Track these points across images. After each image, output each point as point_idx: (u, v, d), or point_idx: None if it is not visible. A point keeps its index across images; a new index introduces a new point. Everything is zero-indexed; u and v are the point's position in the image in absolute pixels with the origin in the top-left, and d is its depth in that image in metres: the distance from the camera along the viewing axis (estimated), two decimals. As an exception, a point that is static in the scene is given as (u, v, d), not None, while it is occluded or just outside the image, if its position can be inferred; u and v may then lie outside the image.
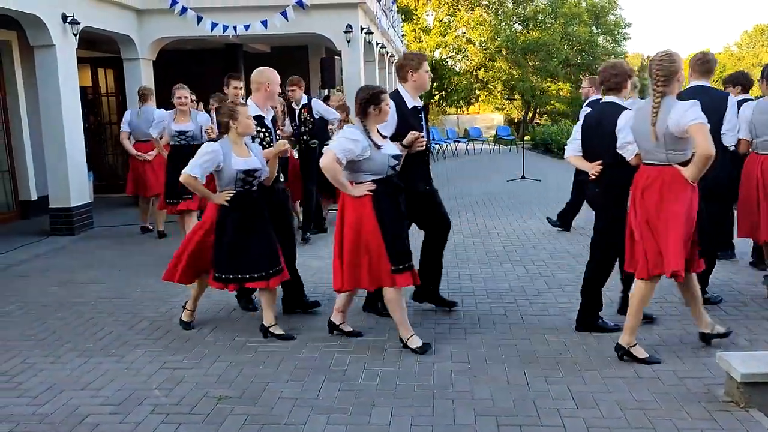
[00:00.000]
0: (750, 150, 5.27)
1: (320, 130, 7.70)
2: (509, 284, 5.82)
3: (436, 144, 19.99)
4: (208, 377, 4.01)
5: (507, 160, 18.20)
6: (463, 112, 39.95)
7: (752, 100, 5.70)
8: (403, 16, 26.56)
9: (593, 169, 4.43)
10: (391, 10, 17.04)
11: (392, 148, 4.34)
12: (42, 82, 8.36)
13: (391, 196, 4.26)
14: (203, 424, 3.43)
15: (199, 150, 4.52)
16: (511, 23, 34.61)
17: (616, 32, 36.53)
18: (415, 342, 4.29)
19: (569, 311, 5.01)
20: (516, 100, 32.26)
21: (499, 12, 34.31)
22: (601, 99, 4.70)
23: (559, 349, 4.29)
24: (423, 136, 4.61)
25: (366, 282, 4.28)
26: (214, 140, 4.61)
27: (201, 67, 13.34)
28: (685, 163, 3.81)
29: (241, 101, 5.13)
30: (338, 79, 10.94)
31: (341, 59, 10.94)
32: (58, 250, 7.79)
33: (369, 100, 4.22)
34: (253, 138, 4.77)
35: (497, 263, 6.60)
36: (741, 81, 6.36)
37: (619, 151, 4.23)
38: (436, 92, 35.35)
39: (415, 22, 34.12)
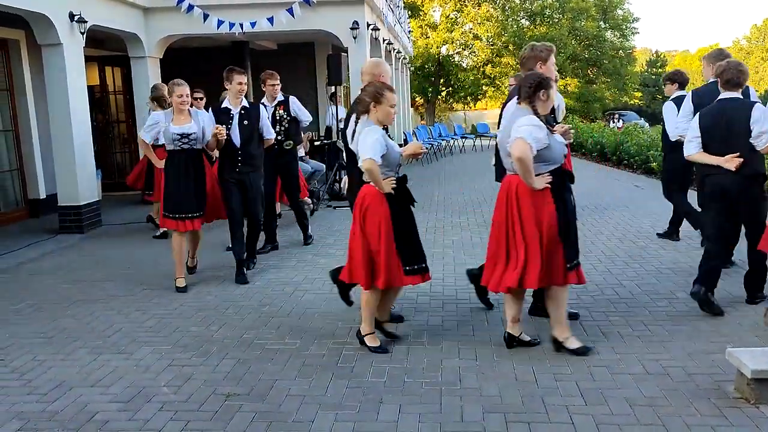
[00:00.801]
0: None
1: (295, 132, 7.26)
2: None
3: (442, 140, 19.97)
4: (216, 374, 4.02)
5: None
6: (470, 108, 39.86)
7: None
8: (409, 12, 26.50)
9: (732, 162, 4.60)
10: (398, 6, 17.00)
11: (560, 136, 4.15)
12: (50, 80, 8.39)
13: (568, 187, 4.09)
14: (211, 421, 3.43)
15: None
16: (518, 18, 34.49)
17: (624, 27, 36.35)
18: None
19: (578, 307, 4.99)
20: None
21: (506, 7, 34.20)
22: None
23: (567, 345, 4.27)
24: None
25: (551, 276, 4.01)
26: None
27: (208, 65, 13.35)
28: None
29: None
30: (345, 75, 10.93)
31: (348, 56, 10.93)
32: (67, 248, 7.83)
33: (539, 85, 3.98)
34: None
35: (505, 259, 6.57)
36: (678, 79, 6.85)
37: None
38: (443, 88, 35.29)
39: (421, 18, 34.06)
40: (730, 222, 4.85)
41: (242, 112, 5.96)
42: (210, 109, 6.04)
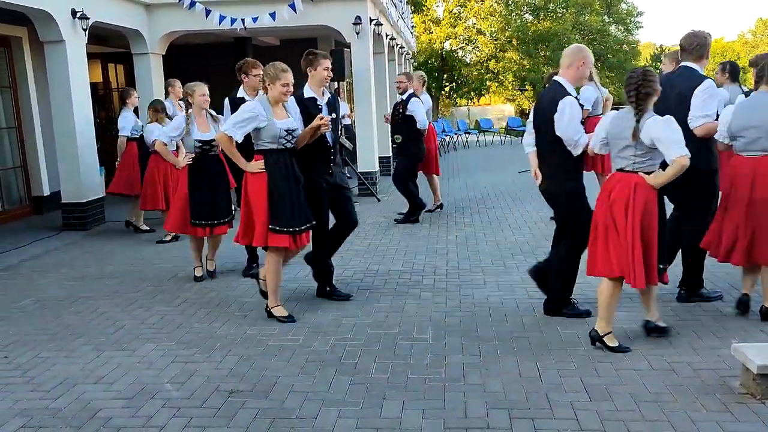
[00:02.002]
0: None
1: None
2: (521, 276, 5.78)
3: (446, 136, 19.92)
4: (219, 371, 4.01)
5: (518, 152, 18.06)
6: (473, 103, 39.78)
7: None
8: (412, 8, 26.43)
9: None
10: (401, 2, 16.94)
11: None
12: (52, 77, 8.39)
13: None
14: (214, 417, 3.43)
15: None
16: (522, 13, 34.36)
17: (628, 21, 36.19)
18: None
19: (584, 304, 4.97)
20: (527, 90, 32.05)
21: (510, 2, 34.06)
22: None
23: (571, 341, 4.26)
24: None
25: None
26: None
27: (210, 61, 13.35)
28: None
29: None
30: (348, 71, 10.90)
31: (350, 51, 10.89)
32: (71, 245, 7.84)
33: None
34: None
35: (509, 255, 6.56)
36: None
37: None
38: (446, 84, 35.22)
39: (425, 13, 33.97)
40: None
41: (328, 103, 5.17)
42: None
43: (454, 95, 36.99)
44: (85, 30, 8.61)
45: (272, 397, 3.64)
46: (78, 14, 8.43)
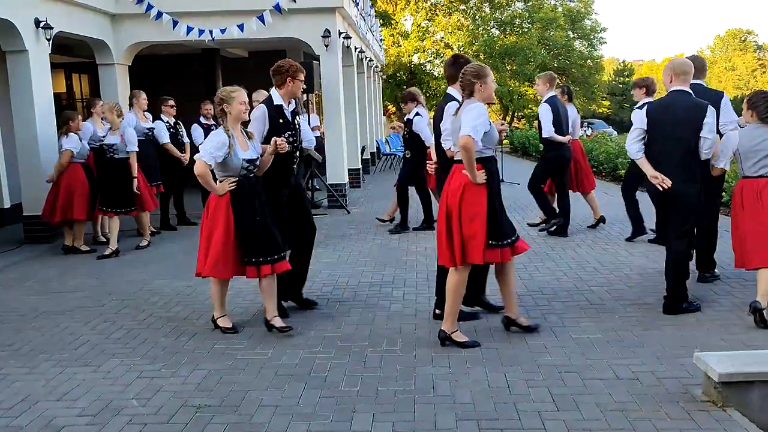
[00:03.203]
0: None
1: None
2: (489, 288, 5.82)
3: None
4: (186, 386, 3.96)
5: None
6: (442, 116, 40.06)
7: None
8: (381, 21, 26.60)
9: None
10: (369, 15, 17.05)
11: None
12: (14, 88, 8.22)
13: None
14: (182, 433, 3.38)
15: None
16: (489, 28, 34.87)
17: (591, 37, 36.98)
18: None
19: (549, 314, 5.04)
20: (494, 104, 32.49)
21: (477, 17, 34.55)
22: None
23: (539, 351, 4.31)
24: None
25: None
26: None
27: (178, 72, 13.24)
28: None
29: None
30: (317, 83, 10.92)
31: (320, 64, 10.92)
32: (34, 259, 7.66)
33: None
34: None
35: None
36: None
37: None
38: (415, 96, 35.31)
39: (393, 26, 34.19)
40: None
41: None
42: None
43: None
44: (48, 40, 8.47)
45: (241, 411, 3.61)
46: (41, 24, 8.30)
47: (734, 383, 3.43)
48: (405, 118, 8.59)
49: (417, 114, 8.39)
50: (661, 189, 4.79)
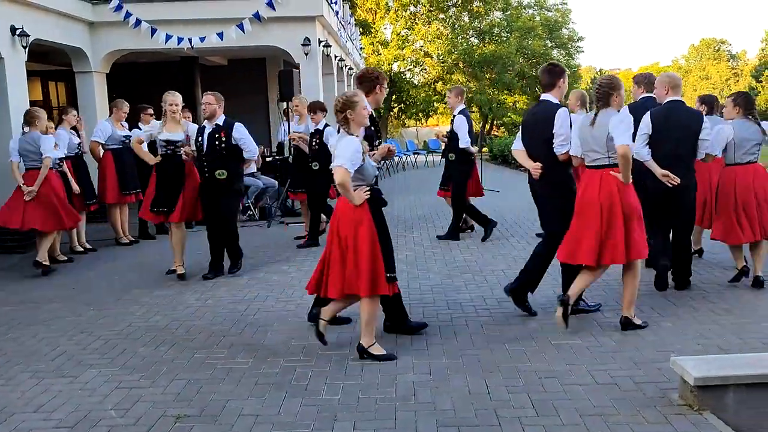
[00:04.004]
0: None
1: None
2: (470, 294, 5.86)
3: (395, 156, 20.08)
4: (166, 396, 3.92)
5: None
6: (422, 124, 40.26)
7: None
8: (360, 30, 26.68)
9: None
10: (349, 23, 17.10)
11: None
12: (-10, 95, 8.12)
13: None
14: (161, 444, 3.35)
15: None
16: (468, 37, 35.10)
17: (569, 46, 37.38)
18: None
19: (529, 320, 5.08)
20: (473, 112, 32.67)
21: (456, 26, 34.78)
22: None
23: (519, 358, 4.34)
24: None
25: None
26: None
27: (156, 80, 13.15)
28: None
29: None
30: (297, 91, 10.92)
31: (299, 72, 10.93)
32: (8, 269, 7.54)
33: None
34: None
35: (457, 273, 6.65)
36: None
37: None
38: (395, 104, 35.55)
39: (373, 35, 34.29)
40: None
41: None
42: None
43: (403, 116, 37.37)
44: (25, 47, 8.40)
45: (221, 421, 3.58)
46: (18, 31, 8.22)
47: (710, 387, 3.48)
48: (314, 129, 7.93)
49: (327, 125, 7.87)
50: (670, 186, 5.29)
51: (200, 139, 6.48)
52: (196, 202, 6.65)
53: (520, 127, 5.34)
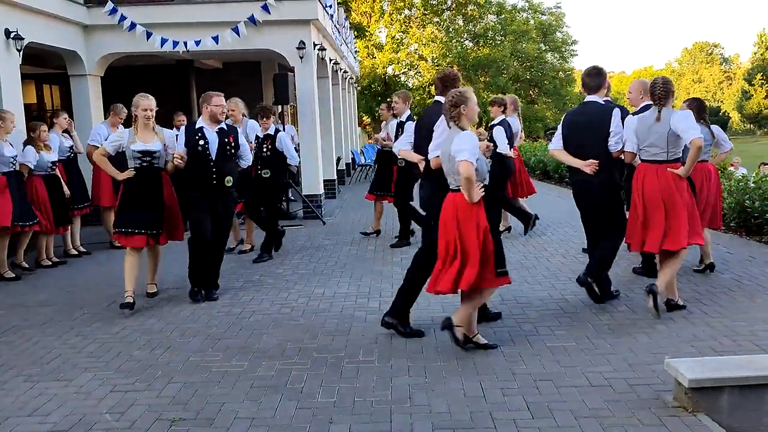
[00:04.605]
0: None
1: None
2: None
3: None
4: (161, 399, 3.92)
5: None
6: (416, 127, 40.27)
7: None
8: (355, 33, 26.73)
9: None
10: (344, 27, 17.12)
11: None
12: (-16, 99, 8.08)
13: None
14: (157, 447, 3.35)
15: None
16: (462, 40, 35.22)
17: (563, 49, 37.56)
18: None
19: (523, 322, 5.09)
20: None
21: (450, 29, 34.89)
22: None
23: (514, 360, 4.35)
24: None
25: None
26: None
27: (151, 83, 13.12)
28: None
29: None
30: (292, 95, 10.93)
31: (294, 75, 10.93)
32: (2, 272, 7.51)
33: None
34: None
35: (452, 277, 6.64)
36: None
37: None
38: (390, 108, 35.54)
39: (368, 38, 34.36)
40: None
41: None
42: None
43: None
44: (19, 51, 8.36)
45: (216, 424, 3.58)
46: (12, 34, 8.19)
47: (704, 389, 3.50)
48: (263, 134, 7.61)
49: (278, 130, 7.66)
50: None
51: (202, 143, 5.81)
52: (178, 217, 6.03)
53: (562, 129, 5.51)
